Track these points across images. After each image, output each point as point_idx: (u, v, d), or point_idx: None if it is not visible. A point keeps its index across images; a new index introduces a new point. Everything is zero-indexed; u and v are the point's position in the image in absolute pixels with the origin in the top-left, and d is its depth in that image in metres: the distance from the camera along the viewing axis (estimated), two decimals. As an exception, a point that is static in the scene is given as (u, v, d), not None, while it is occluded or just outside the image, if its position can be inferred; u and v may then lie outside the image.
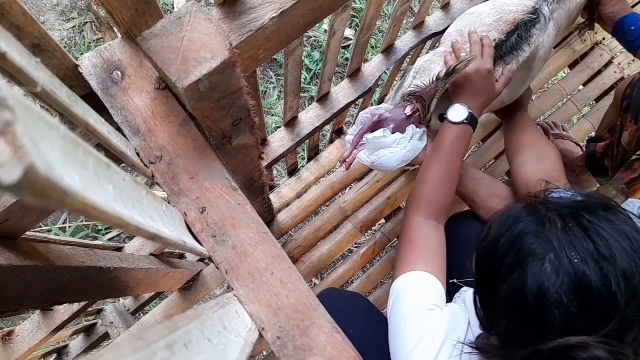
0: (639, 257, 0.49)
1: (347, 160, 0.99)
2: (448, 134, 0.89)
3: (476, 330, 0.65)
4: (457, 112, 0.89)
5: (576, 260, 0.49)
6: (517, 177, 0.99)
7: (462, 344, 0.63)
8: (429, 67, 0.97)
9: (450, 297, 0.81)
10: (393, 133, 0.95)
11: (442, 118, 0.94)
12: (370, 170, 1.48)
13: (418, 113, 0.96)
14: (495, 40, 0.93)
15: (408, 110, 0.95)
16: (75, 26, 1.94)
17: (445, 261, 0.79)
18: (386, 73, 1.34)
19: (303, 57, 0.90)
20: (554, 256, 0.51)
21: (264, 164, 1.14)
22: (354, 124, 1.05)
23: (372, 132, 0.96)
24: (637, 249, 0.50)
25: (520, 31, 0.93)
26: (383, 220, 1.50)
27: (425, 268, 0.75)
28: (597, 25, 1.19)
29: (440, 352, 0.63)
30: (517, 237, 0.54)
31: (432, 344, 0.64)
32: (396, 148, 0.94)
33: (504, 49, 0.94)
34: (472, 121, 0.89)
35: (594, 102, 1.65)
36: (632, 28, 1.03)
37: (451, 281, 0.81)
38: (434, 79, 0.90)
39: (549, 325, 0.49)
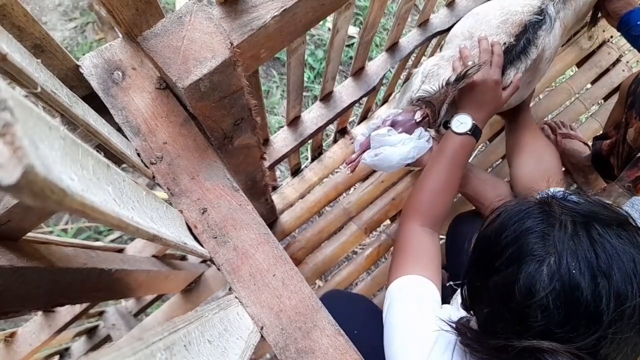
0: (638, 282, 0.48)
1: (353, 162, 0.99)
2: (450, 144, 0.88)
3: None
4: (461, 123, 0.89)
5: (574, 271, 0.49)
6: (515, 178, 0.99)
7: (454, 345, 0.62)
8: (437, 72, 0.96)
9: (447, 301, 0.81)
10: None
11: (446, 126, 0.93)
12: (375, 170, 1.47)
13: (427, 118, 0.95)
14: (505, 44, 0.92)
15: (418, 116, 0.94)
16: (77, 26, 1.95)
17: (439, 267, 0.79)
18: (390, 71, 1.34)
19: (306, 56, 0.90)
20: (554, 261, 0.50)
21: (267, 164, 1.13)
22: (358, 123, 1.04)
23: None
24: (639, 274, 0.49)
25: (528, 34, 0.92)
26: (388, 221, 1.49)
27: (419, 272, 0.75)
28: (604, 22, 1.18)
29: (432, 351, 0.63)
30: (523, 233, 0.54)
31: (424, 344, 0.64)
32: (399, 147, 0.93)
33: (513, 54, 0.92)
34: (475, 132, 0.89)
35: (602, 100, 1.64)
36: (638, 22, 1.02)
37: (447, 284, 0.81)
38: (443, 84, 0.89)
39: (529, 325, 0.50)
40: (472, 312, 0.61)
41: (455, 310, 0.72)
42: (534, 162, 0.98)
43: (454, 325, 0.61)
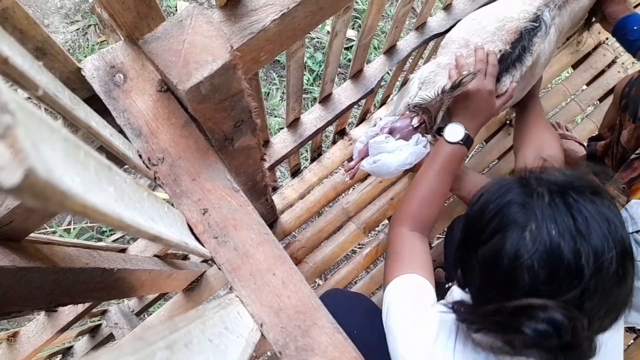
0: (612, 238, 0.53)
1: (352, 169, 1.00)
2: (441, 152, 0.90)
3: None
4: (454, 132, 0.90)
5: (554, 232, 0.53)
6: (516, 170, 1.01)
7: (455, 335, 0.65)
8: (434, 79, 0.97)
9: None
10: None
11: (439, 133, 0.94)
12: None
13: (424, 124, 0.96)
14: (500, 51, 0.92)
15: (415, 122, 0.95)
16: (79, 29, 1.96)
17: (432, 268, 0.82)
18: (388, 74, 1.34)
19: (306, 58, 0.91)
20: (535, 226, 0.55)
21: (267, 165, 1.14)
22: (357, 125, 1.05)
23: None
24: (613, 232, 0.54)
25: (524, 41, 0.92)
26: (386, 221, 1.50)
27: (414, 271, 0.77)
28: (598, 25, 1.19)
29: (437, 339, 0.66)
30: (505, 206, 0.59)
31: (428, 335, 0.67)
32: (397, 154, 0.94)
33: (508, 61, 0.93)
34: (467, 141, 0.90)
35: (598, 101, 1.65)
36: (635, 27, 1.02)
37: (446, 286, 0.82)
38: (439, 92, 0.90)
39: (517, 286, 0.54)
40: (466, 289, 0.65)
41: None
42: (535, 154, 1.00)
43: (450, 305, 0.65)
